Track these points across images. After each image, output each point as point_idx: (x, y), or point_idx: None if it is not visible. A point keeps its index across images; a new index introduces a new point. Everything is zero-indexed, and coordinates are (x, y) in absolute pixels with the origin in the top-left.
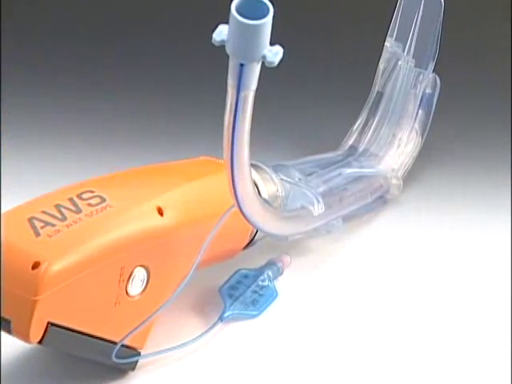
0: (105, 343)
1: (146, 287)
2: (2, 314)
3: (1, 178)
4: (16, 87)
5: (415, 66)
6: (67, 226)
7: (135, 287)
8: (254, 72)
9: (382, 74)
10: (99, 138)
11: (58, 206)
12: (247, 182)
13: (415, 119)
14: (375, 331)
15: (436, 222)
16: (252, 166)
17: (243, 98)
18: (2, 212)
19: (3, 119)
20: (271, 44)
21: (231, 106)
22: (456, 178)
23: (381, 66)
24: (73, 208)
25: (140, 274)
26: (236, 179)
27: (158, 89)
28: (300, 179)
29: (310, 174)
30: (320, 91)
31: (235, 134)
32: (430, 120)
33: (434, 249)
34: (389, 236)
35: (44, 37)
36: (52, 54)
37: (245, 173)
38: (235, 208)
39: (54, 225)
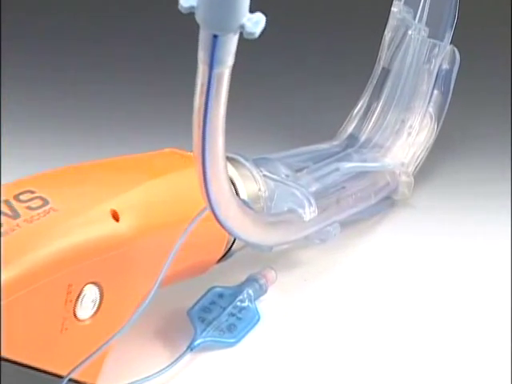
0: (49, 377)
1: (98, 309)
2: None
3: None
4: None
5: (429, 37)
6: (2, 234)
7: (85, 309)
8: (231, 45)
9: (389, 47)
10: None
11: None
12: (222, 180)
13: (429, 101)
14: (377, 365)
15: (456, 229)
16: (228, 159)
17: (217, 77)
18: None
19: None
20: (251, 11)
21: (202, 86)
22: (480, 174)
23: (387, 36)
24: (9, 212)
25: (91, 293)
26: (208, 176)
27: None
28: (287, 176)
29: (299, 170)
30: (313, 68)
31: (207, 121)
32: (448, 102)
33: (453, 263)
34: (396, 246)
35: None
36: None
37: (219, 168)
38: (207, 211)
39: None
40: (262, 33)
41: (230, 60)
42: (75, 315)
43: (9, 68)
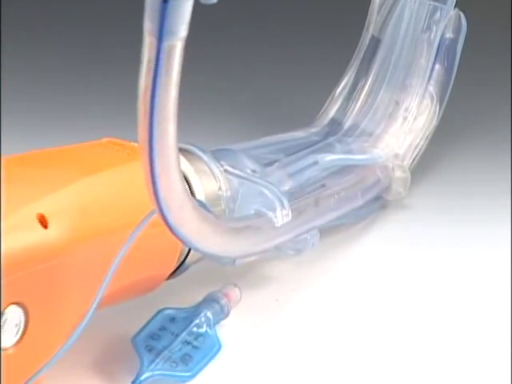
0: None
1: (23, 335)
2: None
3: None
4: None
5: None
6: None
7: (8, 335)
8: (184, 12)
9: (379, 10)
10: None
11: None
12: (174, 176)
13: (429, 78)
14: None
15: (458, 236)
16: (181, 151)
17: (167, 50)
18: None
19: None
20: None
21: (149, 62)
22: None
23: None
24: None
25: (14, 316)
26: (156, 171)
27: None
28: (254, 171)
29: (269, 164)
30: (289, 38)
31: (155, 104)
32: (452, 79)
33: (456, 278)
34: (389, 257)
35: None
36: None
37: (170, 162)
38: (155, 215)
39: None
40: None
41: (182, 30)
42: None
43: None
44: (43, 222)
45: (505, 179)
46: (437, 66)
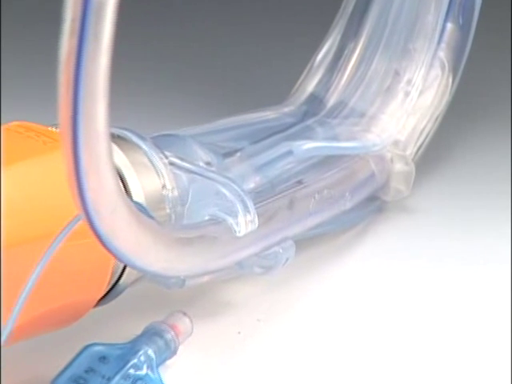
0: None
1: None
2: None
3: None
4: None
5: None
6: None
7: None
8: None
9: None
10: None
11: None
12: (104, 172)
13: (439, 41)
14: None
15: (474, 250)
16: (113, 138)
17: (97, 7)
18: None
19: None
20: None
21: (74, 21)
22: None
23: None
24: None
25: None
26: (82, 165)
27: None
28: (209, 164)
29: (229, 154)
30: None
31: (80, 77)
32: (469, 42)
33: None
34: (384, 277)
35: None
36: None
37: (99, 152)
38: (80, 222)
39: None
40: None
41: None
42: None
43: None
44: None
45: None
46: (449, 25)
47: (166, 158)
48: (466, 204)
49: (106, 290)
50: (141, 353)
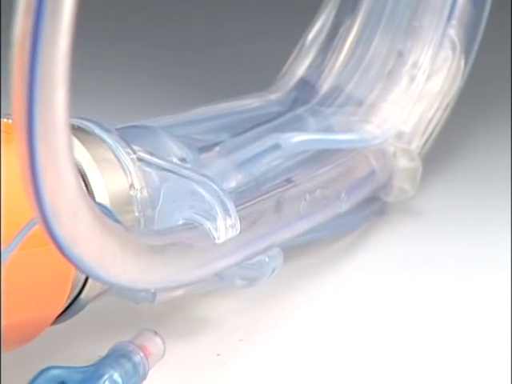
0: None
1: None
2: None
3: None
4: None
5: None
6: None
7: None
8: None
9: None
10: None
11: None
12: (63, 169)
13: (449, 17)
14: None
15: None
16: (74, 130)
17: None
18: None
19: None
20: None
21: (29, 0)
22: None
23: None
24: None
25: None
26: (38, 162)
27: None
28: (184, 160)
29: (207, 148)
30: None
31: (37, 60)
32: (484, 19)
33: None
34: (385, 289)
35: None
36: None
37: (58, 147)
38: (36, 227)
39: None
40: None
41: None
42: None
43: None
44: None
45: None
46: (459, 1)
47: (134, 152)
48: (480, 205)
49: (65, 305)
50: (105, 377)
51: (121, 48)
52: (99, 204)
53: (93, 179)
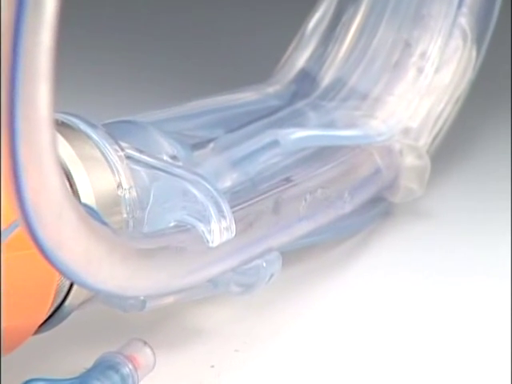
0: None
1: None
2: None
3: None
4: None
5: None
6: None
7: None
8: None
9: None
10: None
11: None
12: (47, 167)
13: (460, 4)
14: None
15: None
16: (58, 125)
17: None
18: None
19: None
20: None
21: None
22: None
23: None
24: None
25: None
26: (19, 159)
27: None
28: (175, 157)
29: (200, 145)
30: None
31: (19, 53)
32: (497, 6)
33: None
34: (390, 297)
35: None
36: None
37: (41, 143)
38: (18, 229)
39: None
40: None
41: None
42: None
43: None
44: None
45: None
46: None
47: (122, 150)
48: (494, 206)
49: (49, 313)
50: None
51: (110, 38)
52: (85, 205)
53: (78, 178)
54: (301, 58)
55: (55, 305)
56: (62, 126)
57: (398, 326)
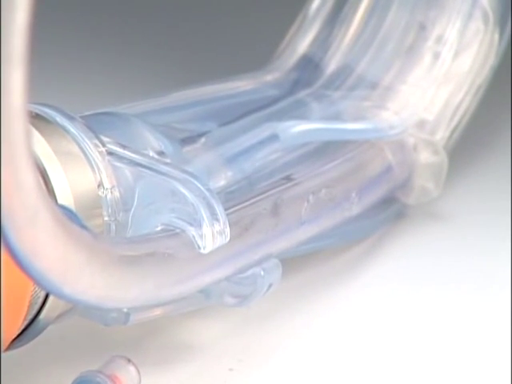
0: None
1: None
2: None
3: None
4: None
5: None
6: None
7: None
8: None
9: None
10: None
11: None
12: (20, 165)
13: None
14: None
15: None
16: (32, 118)
17: None
18: None
19: None
20: None
21: None
22: None
23: None
24: None
25: None
26: None
27: None
28: (162, 153)
29: (190, 140)
30: None
31: None
32: None
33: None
34: (401, 309)
35: None
36: None
37: (14, 138)
38: None
39: None
40: None
41: None
42: None
43: None
44: None
45: None
46: None
47: (103, 145)
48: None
49: (22, 327)
50: None
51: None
52: (62, 206)
53: (54, 177)
54: (303, 43)
55: (29, 318)
56: (36, 119)
57: (408, 344)
